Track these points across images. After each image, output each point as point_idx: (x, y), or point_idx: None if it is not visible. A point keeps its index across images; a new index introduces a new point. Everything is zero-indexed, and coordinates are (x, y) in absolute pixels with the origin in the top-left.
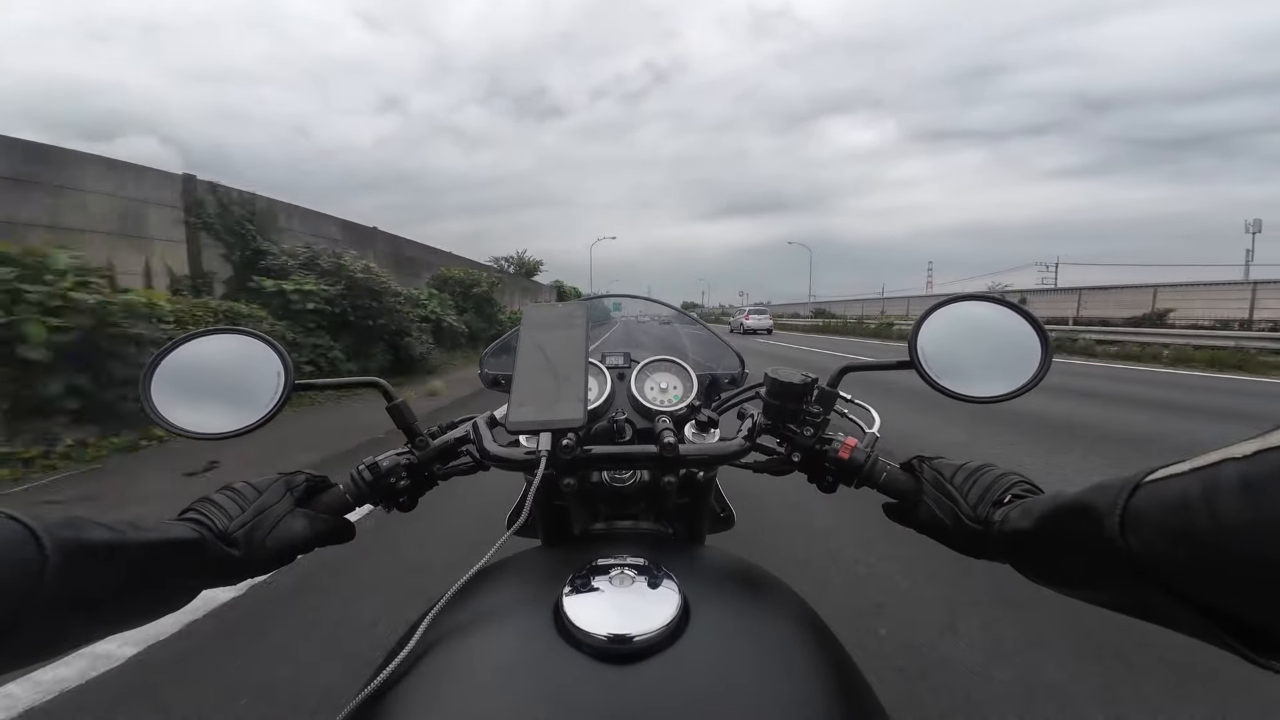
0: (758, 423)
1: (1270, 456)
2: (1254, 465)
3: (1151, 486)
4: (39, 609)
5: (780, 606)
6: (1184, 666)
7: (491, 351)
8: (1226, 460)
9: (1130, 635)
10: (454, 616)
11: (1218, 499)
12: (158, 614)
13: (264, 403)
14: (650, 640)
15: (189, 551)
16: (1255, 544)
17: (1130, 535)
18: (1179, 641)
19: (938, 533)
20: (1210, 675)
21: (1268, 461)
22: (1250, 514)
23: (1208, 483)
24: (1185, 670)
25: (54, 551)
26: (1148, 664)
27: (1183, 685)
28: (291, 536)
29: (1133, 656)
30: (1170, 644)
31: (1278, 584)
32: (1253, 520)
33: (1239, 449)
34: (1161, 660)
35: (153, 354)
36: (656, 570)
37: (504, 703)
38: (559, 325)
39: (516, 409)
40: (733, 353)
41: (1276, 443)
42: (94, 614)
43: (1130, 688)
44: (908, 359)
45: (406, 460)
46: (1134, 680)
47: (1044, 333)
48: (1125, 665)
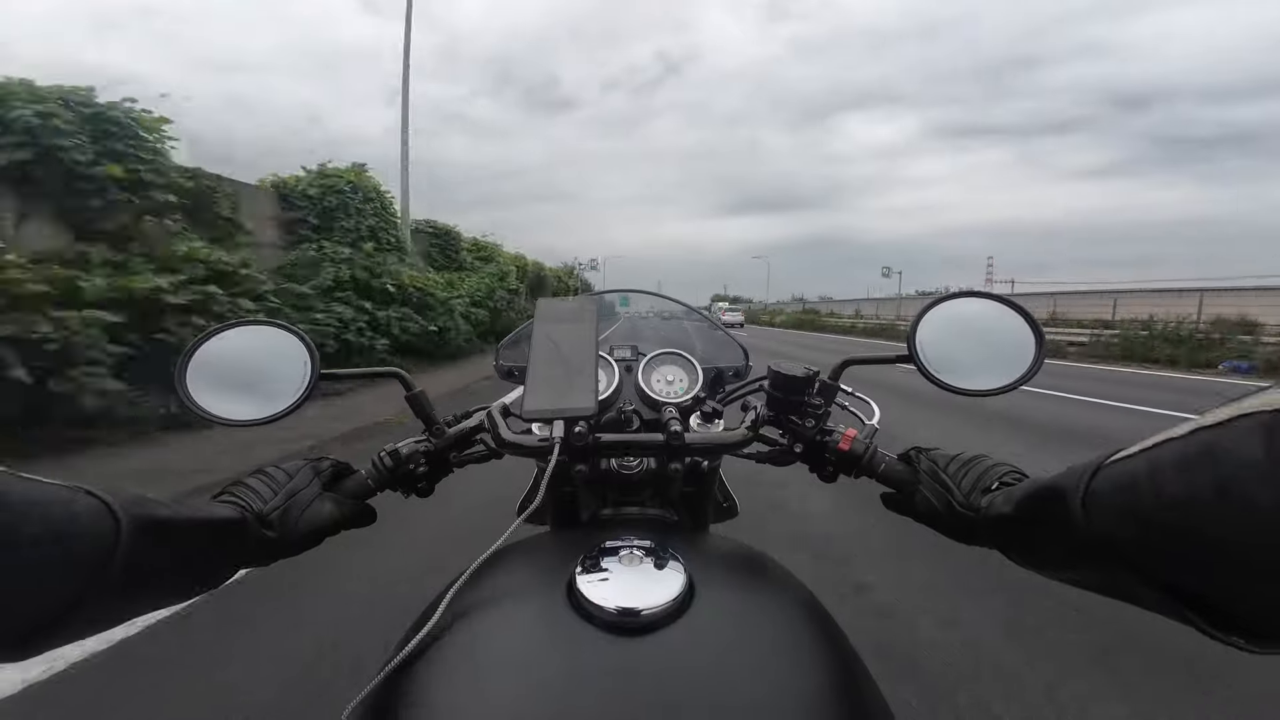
0: (760, 414)
1: (1202, 435)
2: (1188, 444)
3: (1110, 468)
4: (109, 582)
5: (781, 588)
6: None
7: (506, 344)
8: (1168, 440)
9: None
10: (472, 595)
11: (1159, 477)
12: (199, 592)
13: (292, 391)
14: (657, 614)
15: (233, 532)
16: (1194, 518)
17: (1092, 516)
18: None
19: (933, 521)
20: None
21: (1200, 441)
22: (1188, 490)
23: (1154, 462)
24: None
25: (128, 526)
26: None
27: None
28: (320, 520)
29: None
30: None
31: (1217, 558)
32: (1189, 497)
33: (1179, 429)
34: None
35: (188, 344)
36: (663, 552)
37: (524, 672)
38: (570, 319)
39: (532, 398)
40: (738, 347)
41: (1209, 421)
42: (150, 588)
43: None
44: (906, 354)
45: (425, 448)
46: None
47: (1038, 328)
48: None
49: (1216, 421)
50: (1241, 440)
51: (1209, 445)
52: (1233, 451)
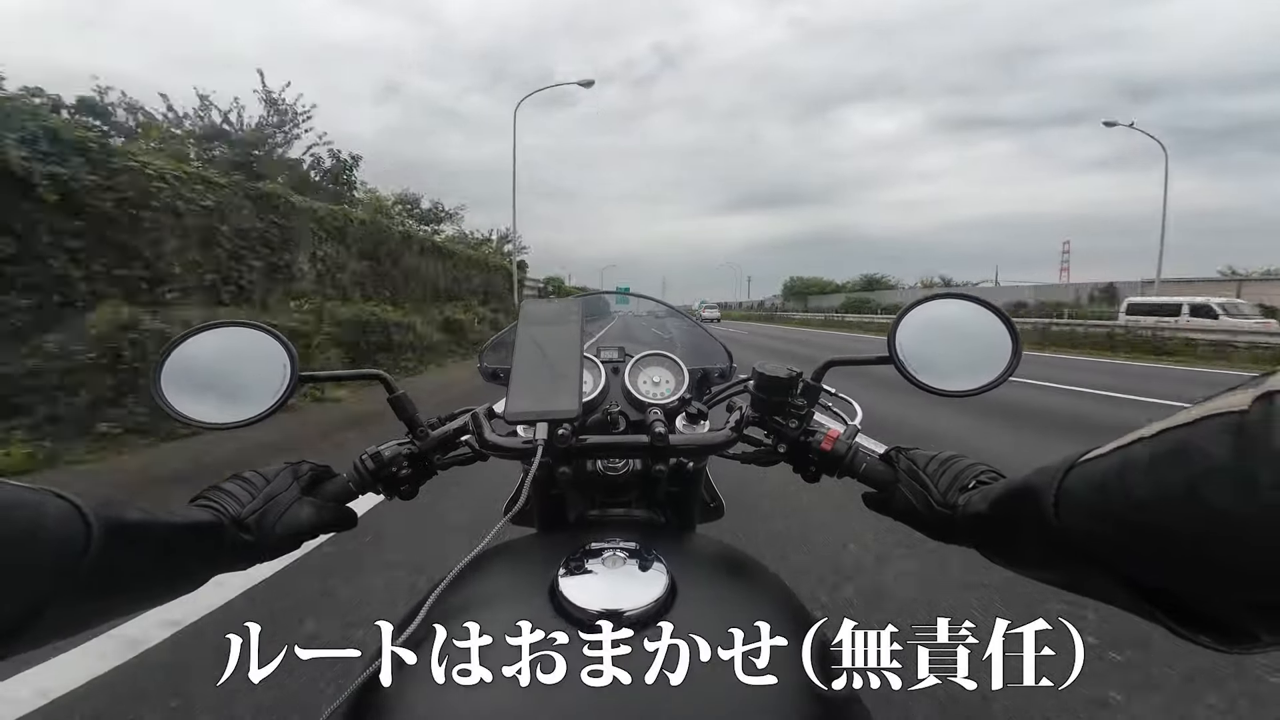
0: (745, 415)
1: (1170, 435)
2: (1157, 444)
3: (1082, 467)
4: (79, 586)
5: (763, 589)
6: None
7: (490, 346)
8: (1138, 440)
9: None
10: (455, 597)
11: (1129, 476)
12: (173, 596)
13: (271, 394)
14: (639, 616)
15: (209, 536)
16: (1161, 518)
17: (1064, 515)
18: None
19: (912, 519)
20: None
21: (1168, 440)
22: (1155, 490)
23: (1124, 461)
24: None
25: (98, 529)
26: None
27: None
28: (299, 523)
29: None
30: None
31: (1184, 557)
32: (1158, 496)
33: (1149, 428)
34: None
35: (163, 345)
36: (647, 554)
37: (505, 674)
38: (555, 321)
39: (515, 400)
40: (721, 348)
41: (1178, 421)
42: (122, 592)
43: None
44: (886, 355)
45: (408, 450)
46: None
47: (1015, 330)
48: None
49: (1184, 422)
50: (1209, 440)
51: (1178, 445)
52: (1201, 451)
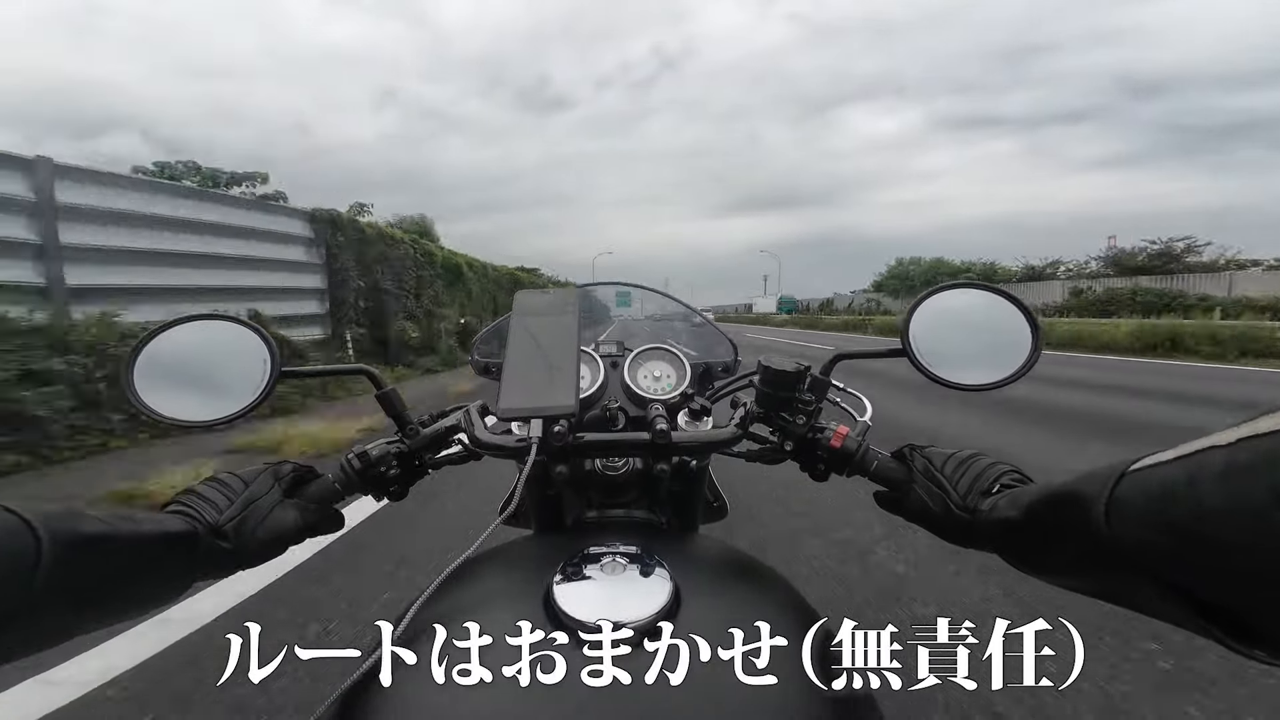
0: (750, 411)
1: (1252, 444)
2: (1236, 453)
3: (1137, 475)
4: (34, 602)
5: (765, 590)
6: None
7: (483, 338)
8: (1211, 448)
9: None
10: (444, 603)
11: (1201, 487)
12: (150, 607)
13: (251, 390)
14: (641, 626)
15: (182, 545)
16: (1237, 532)
17: (1115, 524)
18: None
19: (927, 521)
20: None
21: (1249, 449)
22: (1232, 502)
23: (1192, 471)
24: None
25: (50, 543)
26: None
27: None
28: (282, 528)
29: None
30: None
31: (1259, 573)
32: (1235, 508)
33: (1222, 436)
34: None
35: (135, 340)
36: (648, 559)
37: (493, 687)
38: (550, 312)
39: (508, 396)
40: (726, 341)
41: (1260, 430)
42: (88, 607)
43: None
44: (899, 347)
45: (397, 449)
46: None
47: (1035, 320)
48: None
49: (1269, 430)
50: None
51: (1264, 455)
52: None
